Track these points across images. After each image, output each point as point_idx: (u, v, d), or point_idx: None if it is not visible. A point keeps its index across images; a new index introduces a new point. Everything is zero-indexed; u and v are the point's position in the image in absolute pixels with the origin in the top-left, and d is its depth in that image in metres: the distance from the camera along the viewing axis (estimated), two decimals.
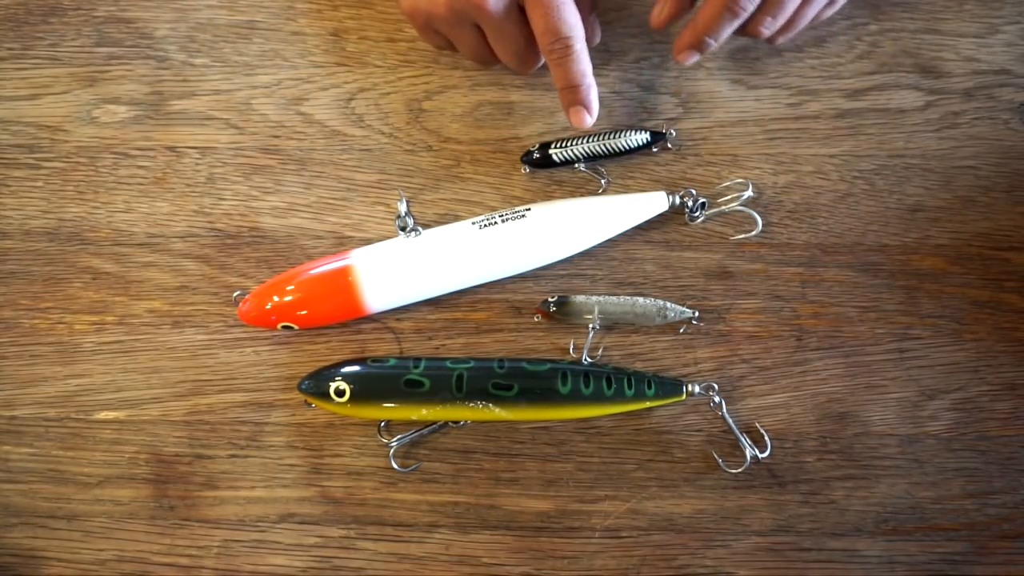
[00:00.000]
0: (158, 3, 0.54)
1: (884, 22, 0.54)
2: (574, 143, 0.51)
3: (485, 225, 0.48)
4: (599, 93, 0.48)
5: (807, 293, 0.50)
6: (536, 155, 0.51)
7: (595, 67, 0.51)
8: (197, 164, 0.52)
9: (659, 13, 0.49)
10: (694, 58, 0.49)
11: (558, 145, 0.51)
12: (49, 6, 0.54)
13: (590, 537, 0.48)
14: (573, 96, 0.48)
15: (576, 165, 0.51)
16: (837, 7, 0.50)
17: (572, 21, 0.46)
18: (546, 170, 0.52)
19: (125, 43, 0.53)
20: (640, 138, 0.51)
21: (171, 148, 0.52)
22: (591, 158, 0.51)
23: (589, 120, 0.48)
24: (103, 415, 0.49)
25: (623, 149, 0.51)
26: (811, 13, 0.49)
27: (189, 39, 0.53)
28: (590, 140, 0.51)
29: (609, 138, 0.51)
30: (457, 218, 0.51)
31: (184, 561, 0.47)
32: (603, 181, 0.51)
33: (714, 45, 0.48)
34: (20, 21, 0.54)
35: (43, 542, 0.48)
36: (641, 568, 0.47)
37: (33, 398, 0.49)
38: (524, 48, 0.48)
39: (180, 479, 0.48)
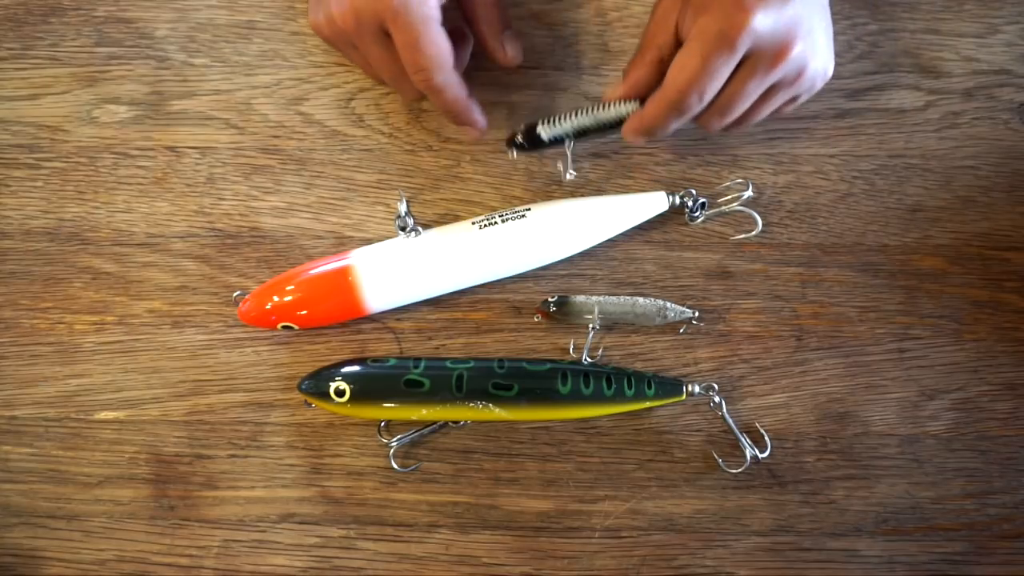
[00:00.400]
0: (158, 3, 0.54)
1: (884, 22, 0.54)
2: (561, 119, 0.47)
3: (485, 225, 0.48)
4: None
5: (807, 293, 0.50)
6: (520, 139, 0.48)
7: (595, 67, 0.51)
8: (197, 164, 0.52)
9: (611, 92, 0.47)
10: (640, 141, 0.47)
11: (545, 123, 0.47)
12: (49, 6, 0.54)
13: (590, 537, 0.48)
14: (453, 120, 0.47)
15: (566, 145, 0.48)
16: (799, 103, 0.47)
17: (432, 52, 0.43)
18: (535, 153, 0.50)
19: (125, 43, 0.53)
20: (629, 108, 0.46)
21: (171, 148, 0.52)
22: (581, 134, 0.48)
23: (479, 133, 0.48)
24: (103, 415, 0.49)
25: (613, 122, 0.47)
26: (766, 112, 0.47)
27: (189, 39, 0.53)
28: (576, 115, 0.47)
29: (597, 111, 0.47)
30: (457, 218, 0.51)
31: (184, 561, 0.47)
32: (570, 173, 0.48)
33: (659, 136, 0.46)
34: (20, 21, 0.54)
35: (43, 542, 0.48)
36: (641, 568, 0.47)
37: (33, 398, 0.49)
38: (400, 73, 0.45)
39: (180, 479, 0.48)
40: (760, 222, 0.50)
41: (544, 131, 0.47)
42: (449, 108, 0.46)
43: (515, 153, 0.49)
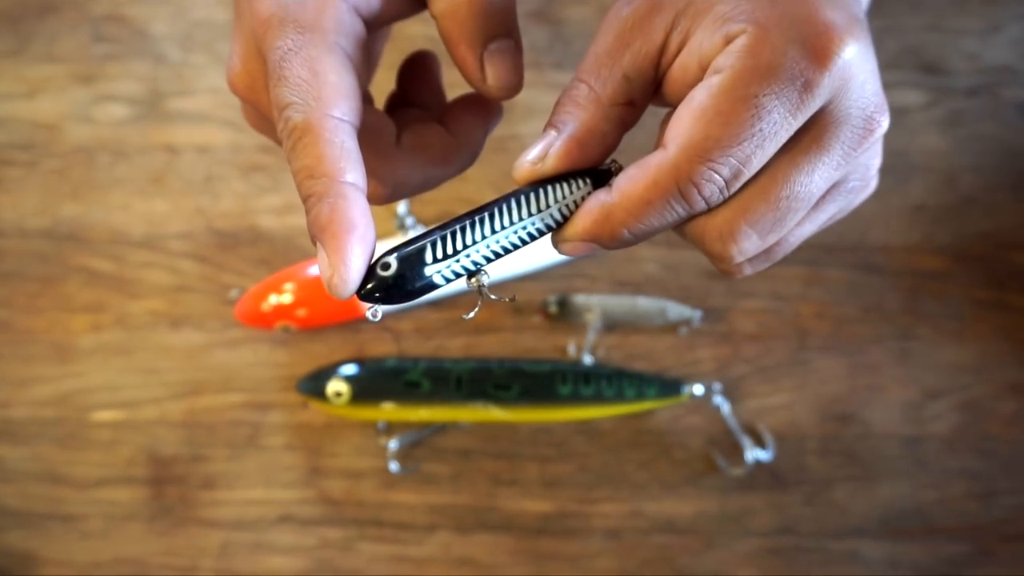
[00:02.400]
0: (155, 1, 0.54)
1: (886, 20, 0.54)
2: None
3: None
4: None
5: (809, 293, 0.50)
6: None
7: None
8: (195, 163, 0.52)
9: (533, 159, 0.27)
10: (586, 252, 0.27)
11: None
12: (45, 4, 0.53)
13: (590, 538, 0.47)
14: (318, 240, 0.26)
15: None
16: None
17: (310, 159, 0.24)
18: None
19: (122, 41, 0.53)
20: (574, 195, 0.27)
21: (169, 147, 0.52)
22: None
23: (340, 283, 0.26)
24: (100, 415, 0.49)
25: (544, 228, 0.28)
26: (808, 231, 0.29)
27: (187, 37, 0.53)
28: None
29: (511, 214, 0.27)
30: None
31: (182, 563, 0.47)
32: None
33: (630, 241, 0.26)
34: (16, 19, 0.53)
35: (39, 543, 0.47)
36: (642, 569, 0.47)
37: (29, 398, 0.49)
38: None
39: (178, 480, 0.48)
40: None
41: (437, 271, 0.26)
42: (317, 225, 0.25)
43: (378, 312, 0.26)
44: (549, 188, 0.26)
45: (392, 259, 0.25)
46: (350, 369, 0.46)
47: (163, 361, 0.49)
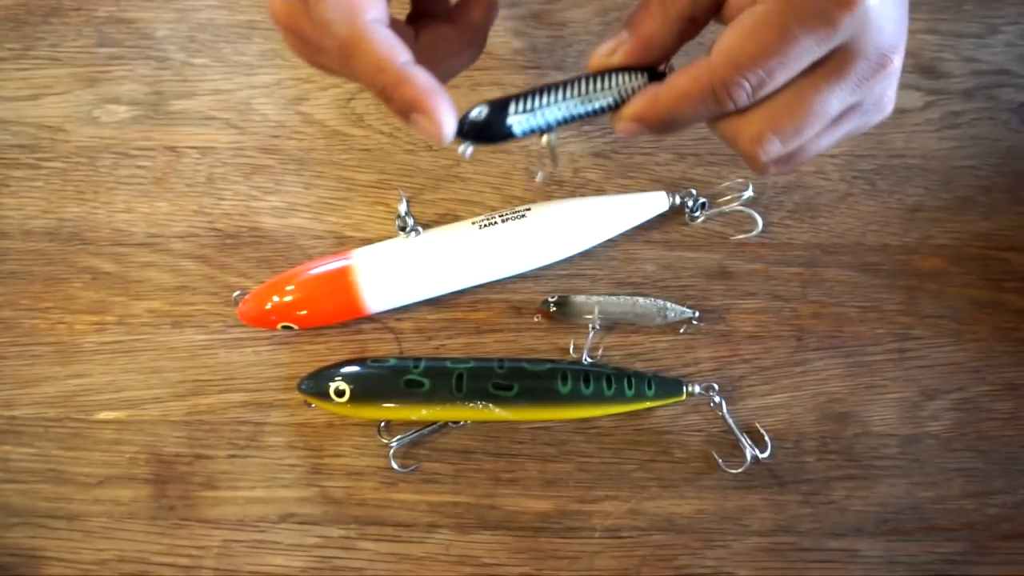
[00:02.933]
0: (158, 3, 0.54)
1: None
2: (536, 101, 0.33)
3: (485, 225, 0.48)
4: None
5: (807, 293, 0.50)
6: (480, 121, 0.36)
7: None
8: (197, 164, 0.52)
9: (603, 52, 0.33)
10: (635, 132, 0.33)
11: (518, 108, 0.33)
12: (50, 6, 0.54)
13: (590, 537, 0.47)
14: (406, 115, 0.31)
15: (547, 139, 0.35)
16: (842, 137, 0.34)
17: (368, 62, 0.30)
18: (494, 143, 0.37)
19: (125, 43, 0.53)
20: (632, 83, 0.33)
21: (171, 148, 0.52)
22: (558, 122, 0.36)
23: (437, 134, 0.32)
24: (103, 415, 0.49)
25: (605, 106, 0.34)
26: (824, 145, 0.33)
27: (189, 39, 0.53)
28: (555, 95, 0.33)
29: (584, 88, 0.33)
30: (457, 218, 0.51)
31: (184, 561, 0.47)
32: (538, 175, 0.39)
33: (671, 132, 0.33)
34: (21, 21, 0.54)
35: (43, 542, 0.48)
36: (641, 568, 0.47)
37: (33, 398, 0.49)
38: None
39: (180, 479, 0.48)
40: (760, 222, 0.50)
41: (517, 122, 0.32)
42: (403, 106, 0.30)
43: (468, 149, 0.33)
44: (613, 75, 0.32)
45: (483, 107, 0.32)
46: (351, 369, 0.46)
47: (165, 361, 0.50)
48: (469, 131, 0.32)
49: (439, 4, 0.37)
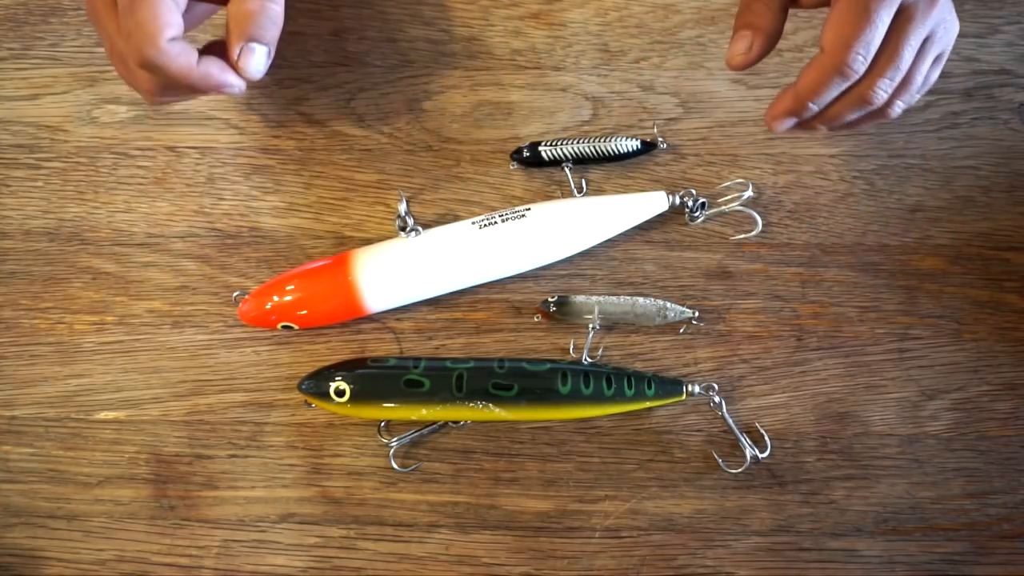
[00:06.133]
0: None
1: None
2: (564, 143, 0.50)
3: (485, 225, 0.48)
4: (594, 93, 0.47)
5: (807, 293, 0.50)
6: (526, 153, 0.51)
7: (595, 67, 0.51)
8: (197, 164, 0.52)
9: (743, 51, 0.41)
10: (789, 124, 0.42)
11: (548, 144, 0.51)
12: (49, 6, 0.54)
13: (590, 537, 0.48)
14: (196, 92, 0.42)
15: (564, 166, 0.51)
16: (942, 64, 0.43)
17: (143, 17, 0.39)
18: (535, 168, 0.52)
19: None
20: (630, 145, 0.51)
21: (171, 148, 0.52)
22: (579, 160, 0.51)
23: (238, 90, 0.43)
24: (103, 415, 0.49)
25: (612, 154, 0.51)
26: (923, 71, 0.41)
27: (189, 39, 0.53)
28: (580, 142, 0.50)
29: (600, 142, 0.50)
30: (457, 218, 0.51)
31: (184, 561, 0.47)
32: (581, 191, 0.51)
33: (815, 111, 0.41)
34: (20, 21, 0.54)
35: (43, 542, 0.48)
36: (641, 568, 0.47)
37: (33, 398, 0.49)
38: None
39: (180, 479, 0.48)
40: (760, 222, 0.50)
41: (546, 152, 0.51)
42: (181, 83, 0.40)
43: (514, 165, 0.52)
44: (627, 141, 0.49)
45: (528, 143, 0.50)
46: (351, 369, 0.46)
47: (165, 361, 0.50)
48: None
49: None
